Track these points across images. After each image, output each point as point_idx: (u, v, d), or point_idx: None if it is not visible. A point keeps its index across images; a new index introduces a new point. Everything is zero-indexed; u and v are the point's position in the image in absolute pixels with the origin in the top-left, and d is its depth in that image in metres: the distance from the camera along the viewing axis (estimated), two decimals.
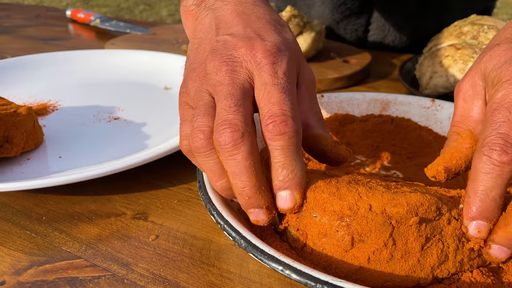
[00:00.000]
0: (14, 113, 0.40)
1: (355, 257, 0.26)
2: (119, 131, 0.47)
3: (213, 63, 0.30)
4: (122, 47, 0.73)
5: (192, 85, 0.31)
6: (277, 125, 0.27)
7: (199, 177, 0.32)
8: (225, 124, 0.27)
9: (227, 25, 0.32)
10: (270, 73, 0.29)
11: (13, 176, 0.38)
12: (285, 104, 0.28)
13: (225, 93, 0.28)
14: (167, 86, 0.59)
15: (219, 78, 0.29)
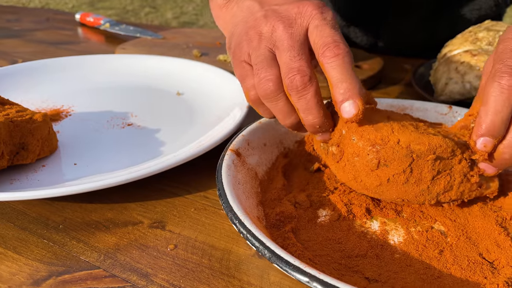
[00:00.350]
0: (30, 119, 0.40)
1: (378, 176, 0.32)
2: (133, 137, 0.47)
3: (269, 24, 0.35)
4: (132, 51, 0.73)
5: (248, 45, 0.36)
6: (331, 49, 0.32)
7: (218, 185, 0.32)
8: (293, 71, 0.32)
9: (268, 1, 0.38)
10: (320, 19, 0.34)
11: (29, 184, 0.38)
12: (336, 35, 0.33)
13: (286, 46, 0.34)
14: (180, 92, 0.59)
15: (278, 35, 0.35)
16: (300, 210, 0.34)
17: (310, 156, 0.41)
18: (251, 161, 0.37)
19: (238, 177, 0.33)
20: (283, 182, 0.37)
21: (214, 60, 0.69)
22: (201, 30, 0.87)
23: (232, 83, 0.57)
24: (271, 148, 0.40)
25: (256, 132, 0.40)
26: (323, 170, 0.39)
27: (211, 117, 0.51)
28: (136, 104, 0.55)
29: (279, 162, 0.40)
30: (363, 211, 0.34)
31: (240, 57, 0.37)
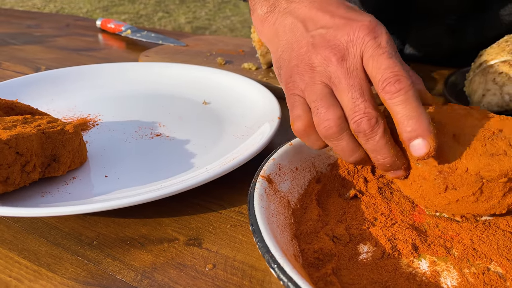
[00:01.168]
0: (61, 131, 0.39)
1: (446, 197, 0.32)
2: (163, 148, 0.46)
3: (320, 56, 0.33)
4: (156, 59, 0.72)
5: (300, 79, 0.35)
6: (392, 84, 0.30)
7: (251, 219, 0.29)
8: (359, 114, 0.31)
9: (313, 21, 0.35)
10: (374, 46, 0.32)
11: (60, 197, 0.37)
12: (395, 67, 0.31)
13: (345, 85, 0.32)
14: (206, 101, 0.58)
15: (333, 70, 0.33)
16: (340, 245, 0.32)
17: (344, 181, 0.39)
18: (283, 188, 0.35)
19: (271, 208, 0.32)
20: (318, 211, 0.35)
21: (239, 68, 0.68)
22: (223, 38, 0.86)
23: (259, 92, 0.56)
24: (303, 173, 0.38)
25: (287, 155, 0.38)
26: (360, 197, 0.37)
27: (241, 128, 0.49)
28: (163, 114, 0.54)
29: (312, 188, 0.38)
30: (409, 247, 0.31)
31: (291, 90, 0.35)
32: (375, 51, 0.32)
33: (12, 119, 0.40)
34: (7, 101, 0.43)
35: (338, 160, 0.41)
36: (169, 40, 0.83)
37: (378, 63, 0.31)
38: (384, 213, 0.35)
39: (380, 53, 0.32)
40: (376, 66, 0.31)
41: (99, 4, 4.60)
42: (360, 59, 0.32)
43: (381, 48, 0.32)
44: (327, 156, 0.41)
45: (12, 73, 0.73)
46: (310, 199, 0.36)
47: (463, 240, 0.33)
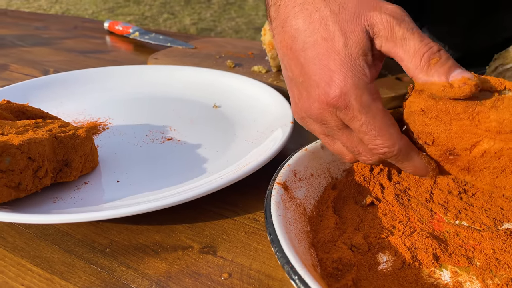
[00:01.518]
0: (73, 135, 0.39)
1: None
2: (174, 153, 0.45)
3: (311, 119, 0.35)
4: (165, 61, 0.71)
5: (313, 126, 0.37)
6: (382, 154, 0.33)
7: (269, 228, 0.28)
8: None
9: (290, 68, 0.35)
10: (352, 121, 0.32)
11: (72, 203, 0.37)
12: (376, 141, 0.32)
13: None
14: (216, 104, 0.57)
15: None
16: (358, 255, 0.31)
17: (360, 188, 0.39)
18: (298, 194, 0.35)
19: (288, 216, 0.31)
20: (335, 219, 0.34)
21: (249, 71, 0.67)
22: (232, 40, 0.86)
23: (270, 96, 0.55)
24: (318, 179, 0.38)
25: (303, 161, 0.37)
26: (377, 205, 0.37)
27: (253, 133, 0.49)
28: (174, 117, 0.54)
29: (327, 195, 0.37)
30: (430, 257, 0.30)
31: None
32: (354, 126, 0.32)
33: (23, 123, 0.39)
34: (18, 104, 0.43)
35: (353, 166, 0.40)
36: (177, 43, 0.82)
37: (363, 136, 0.32)
38: (403, 221, 0.35)
39: (359, 129, 0.32)
40: (362, 138, 0.33)
41: (105, 5, 4.61)
42: (339, 121, 0.33)
43: (358, 121, 0.31)
44: (342, 162, 0.40)
45: (20, 75, 0.72)
46: (326, 206, 0.36)
47: (484, 249, 0.32)
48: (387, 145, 0.32)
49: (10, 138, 0.35)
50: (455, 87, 0.30)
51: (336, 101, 0.31)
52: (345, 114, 0.31)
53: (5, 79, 0.70)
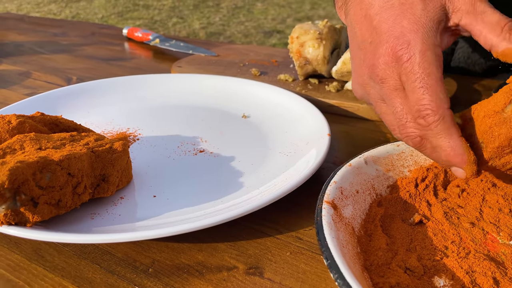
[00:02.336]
0: (110, 149, 0.38)
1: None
2: (208, 166, 0.44)
3: (367, 73, 0.36)
4: (189, 69, 0.71)
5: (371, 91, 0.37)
6: (422, 118, 0.32)
7: (325, 252, 0.27)
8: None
9: (361, 32, 0.35)
10: (407, 71, 0.32)
11: (110, 219, 0.36)
12: (424, 99, 0.31)
13: None
14: (245, 114, 0.56)
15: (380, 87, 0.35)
16: (414, 279, 0.30)
17: (406, 205, 0.37)
18: (346, 213, 0.33)
19: (340, 238, 0.29)
20: (386, 240, 0.33)
21: (275, 80, 0.66)
22: (253, 47, 0.85)
23: (302, 106, 0.54)
24: (363, 196, 0.36)
25: (348, 178, 0.36)
26: (425, 223, 0.35)
27: (287, 145, 0.48)
28: (203, 128, 0.53)
29: (374, 213, 0.35)
30: (490, 282, 0.29)
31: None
32: (408, 77, 0.32)
33: (59, 136, 0.38)
34: (52, 117, 0.42)
35: (397, 182, 0.39)
36: (199, 50, 0.81)
37: (410, 92, 0.32)
38: (455, 242, 0.33)
39: (411, 80, 0.31)
40: (408, 94, 0.32)
41: (114, 9, 4.64)
42: (398, 80, 0.33)
43: (413, 74, 0.31)
44: (386, 177, 0.39)
45: (43, 83, 0.72)
46: (374, 225, 0.34)
47: None
48: (432, 106, 0.31)
49: (49, 153, 0.34)
50: None
51: (402, 52, 0.32)
52: (405, 66, 0.32)
53: (29, 87, 0.69)
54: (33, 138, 0.36)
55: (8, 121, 0.38)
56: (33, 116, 0.41)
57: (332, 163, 0.46)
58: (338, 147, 0.50)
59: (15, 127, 0.38)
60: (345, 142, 0.51)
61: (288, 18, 4.32)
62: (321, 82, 0.65)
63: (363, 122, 0.56)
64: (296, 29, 0.64)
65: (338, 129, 0.55)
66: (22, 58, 0.86)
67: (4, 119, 0.38)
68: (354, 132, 0.54)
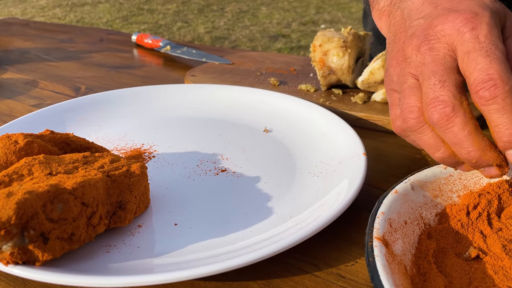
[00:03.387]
0: (127, 172, 0.34)
1: None
2: (232, 188, 0.40)
3: (411, 46, 0.32)
4: (204, 79, 0.67)
5: (393, 71, 0.34)
6: (487, 90, 0.27)
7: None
8: (434, 102, 0.29)
9: (417, 11, 0.34)
10: (470, 40, 0.29)
11: (128, 252, 0.32)
12: (491, 68, 0.28)
13: (428, 72, 0.30)
14: (267, 128, 0.52)
15: (419, 59, 0.31)
16: None
17: (458, 236, 0.33)
18: (397, 249, 0.29)
19: (396, 282, 0.26)
20: (443, 280, 0.29)
21: (295, 90, 0.62)
22: (268, 54, 0.81)
23: (328, 120, 0.50)
24: (412, 227, 0.32)
25: (395, 207, 0.32)
26: (482, 258, 0.31)
27: (316, 164, 0.44)
28: (223, 144, 0.49)
29: (425, 247, 0.31)
30: None
31: (388, 84, 0.35)
32: (470, 46, 0.29)
33: (71, 158, 0.34)
34: (62, 135, 0.39)
35: (446, 209, 0.35)
36: (213, 58, 0.78)
37: (473, 61, 0.28)
38: None
39: (476, 49, 0.29)
40: (470, 66, 0.29)
41: (119, 14, 4.63)
42: (452, 51, 0.30)
43: (477, 42, 0.29)
44: (434, 204, 0.35)
45: (50, 93, 0.68)
46: (427, 262, 0.30)
47: None
48: (502, 76, 0.28)
49: (61, 180, 0.30)
50: None
51: (470, 19, 0.29)
52: (470, 34, 0.29)
53: (35, 97, 0.66)
54: (42, 161, 0.32)
55: (14, 141, 0.35)
56: (42, 134, 0.37)
57: (367, 184, 0.42)
58: (370, 165, 0.46)
59: (22, 148, 0.34)
60: (376, 160, 0.47)
61: (293, 23, 4.30)
62: (345, 92, 0.61)
63: (393, 137, 0.52)
64: (318, 36, 0.60)
65: (367, 144, 0.50)
66: (28, 66, 0.83)
67: (10, 139, 0.35)
68: (385, 148, 0.50)
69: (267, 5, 5.02)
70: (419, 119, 0.31)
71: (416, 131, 0.32)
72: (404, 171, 0.45)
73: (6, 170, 0.31)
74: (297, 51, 3.42)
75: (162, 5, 4.99)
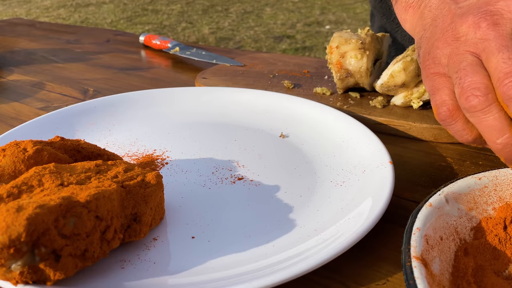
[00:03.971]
0: (143, 182, 0.32)
1: None
2: (251, 197, 0.38)
3: (466, 24, 0.31)
4: (215, 81, 0.65)
5: (442, 53, 0.32)
6: None
7: None
8: (510, 76, 0.27)
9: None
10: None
11: (143, 268, 0.30)
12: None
13: (496, 47, 0.29)
14: (284, 133, 0.50)
15: (479, 35, 0.30)
16: None
17: (495, 252, 0.31)
18: (435, 269, 0.27)
19: None
20: None
21: (311, 93, 0.60)
22: (280, 56, 0.79)
23: (347, 125, 0.48)
24: (447, 243, 0.30)
25: (431, 222, 0.30)
26: None
27: (337, 172, 0.42)
28: (238, 150, 0.47)
29: (463, 265, 0.29)
30: None
31: (430, 68, 0.33)
32: (491, 44, 0.29)
33: (83, 167, 0.32)
34: (73, 141, 0.37)
35: (482, 223, 0.33)
36: (223, 59, 0.76)
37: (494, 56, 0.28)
38: None
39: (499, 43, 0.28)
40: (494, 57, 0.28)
41: (123, 14, 4.62)
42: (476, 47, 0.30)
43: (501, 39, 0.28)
44: (469, 217, 0.33)
45: (57, 95, 0.67)
46: (466, 282, 0.28)
47: None
48: None
49: (73, 191, 0.28)
50: None
51: (491, 18, 0.29)
52: (493, 31, 0.29)
53: (42, 100, 0.64)
54: (53, 170, 0.30)
55: (23, 148, 0.33)
56: (52, 141, 0.35)
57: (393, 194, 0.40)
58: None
59: (31, 156, 0.33)
60: (400, 168, 0.45)
61: (297, 23, 4.28)
62: (363, 96, 0.59)
63: (416, 143, 0.50)
64: (335, 38, 0.58)
65: (389, 151, 0.48)
66: (34, 67, 0.81)
67: (19, 147, 0.33)
68: (408, 155, 0.48)
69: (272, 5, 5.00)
70: (485, 97, 0.29)
71: (481, 110, 0.29)
72: (429, 180, 0.43)
73: (15, 181, 0.29)
74: (302, 52, 3.40)
75: (167, 5, 4.98)
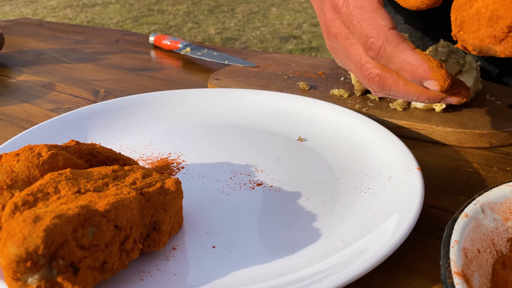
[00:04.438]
0: (162, 189, 0.31)
1: None
2: (271, 204, 0.37)
3: None
4: (228, 83, 0.63)
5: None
6: (369, 50, 0.33)
7: None
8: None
9: None
10: (342, 13, 0.35)
11: (163, 280, 0.28)
12: (363, 30, 0.33)
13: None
14: (302, 137, 0.48)
15: None
16: None
17: None
18: (475, 284, 0.25)
19: None
20: None
21: (327, 95, 0.59)
22: (293, 56, 0.78)
23: (368, 128, 0.46)
24: (485, 255, 0.28)
25: (468, 233, 0.28)
26: None
27: (361, 178, 0.40)
28: (256, 154, 0.45)
29: (502, 279, 0.27)
30: None
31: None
32: (349, 22, 0.34)
33: (99, 173, 0.31)
34: (88, 146, 0.35)
35: None
36: (235, 60, 0.74)
37: (354, 34, 0.34)
38: None
39: (351, 22, 0.34)
40: (356, 38, 0.35)
41: (129, 14, 4.62)
42: (346, 29, 0.36)
43: (350, 15, 0.33)
44: (505, 228, 0.31)
45: (68, 96, 0.65)
46: None
47: None
48: (372, 33, 0.32)
49: (91, 199, 0.27)
50: None
51: (337, 1, 0.35)
52: (343, 11, 0.34)
53: (53, 101, 0.63)
54: (69, 177, 0.29)
55: (38, 153, 0.31)
56: (67, 146, 0.34)
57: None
58: None
59: (46, 161, 0.31)
60: (424, 173, 0.43)
61: (304, 24, 4.26)
62: (382, 98, 0.57)
63: (439, 147, 0.48)
64: None
65: None
66: (44, 67, 0.80)
67: (33, 151, 0.31)
68: (432, 160, 0.46)
69: (278, 6, 4.98)
70: None
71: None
72: (457, 186, 0.41)
73: (30, 188, 0.28)
74: (308, 53, 3.38)
75: (173, 5, 4.97)
